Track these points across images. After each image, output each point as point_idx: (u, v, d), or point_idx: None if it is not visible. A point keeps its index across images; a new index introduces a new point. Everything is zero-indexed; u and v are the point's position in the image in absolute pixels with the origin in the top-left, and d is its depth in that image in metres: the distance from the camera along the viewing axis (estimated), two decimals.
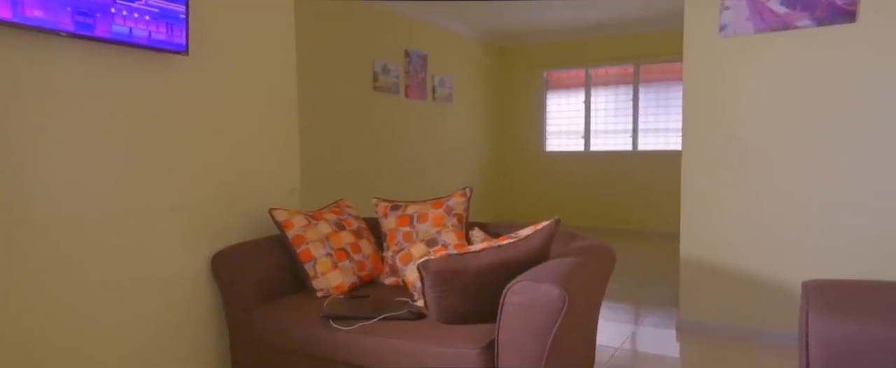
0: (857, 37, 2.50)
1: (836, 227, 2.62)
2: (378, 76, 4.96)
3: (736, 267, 2.85)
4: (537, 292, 1.53)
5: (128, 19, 1.73)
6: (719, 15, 2.79)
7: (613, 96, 6.46)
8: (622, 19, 5.76)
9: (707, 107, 2.88)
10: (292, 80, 2.54)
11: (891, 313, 1.33)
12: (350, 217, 2.36)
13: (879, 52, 2.47)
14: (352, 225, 2.31)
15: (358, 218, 2.42)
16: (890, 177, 2.50)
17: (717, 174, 2.87)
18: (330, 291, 2.11)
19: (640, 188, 6.21)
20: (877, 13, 2.45)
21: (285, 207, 2.45)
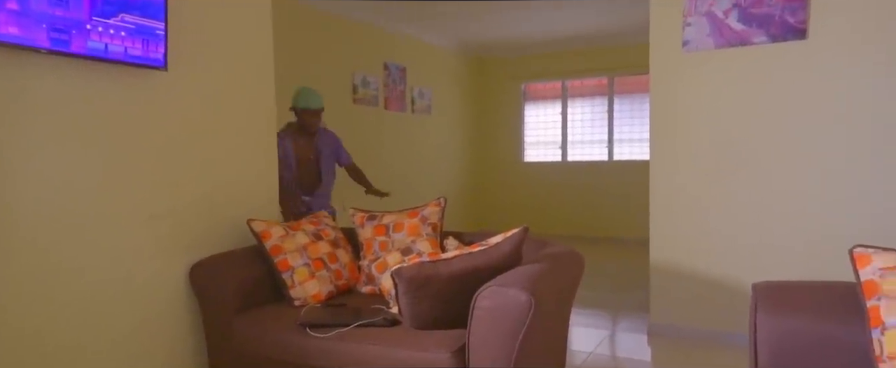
0: (808, 52, 2.64)
1: (793, 231, 2.74)
2: (357, 88, 5.03)
3: (703, 272, 2.96)
4: (505, 297, 1.60)
5: (104, 35, 1.77)
6: (682, 31, 2.92)
7: (589, 107, 6.62)
8: (597, 33, 5.92)
9: (672, 118, 3.00)
10: (270, 93, 2.60)
11: (832, 310, 1.43)
12: (327, 227, 2.41)
13: (828, 66, 2.62)
14: (329, 236, 2.36)
15: (335, 228, 2.47)
16: (839, 181, 2.64)
17: (683, 182, 2.99)
18: (307, 300, 2.15)
19: (616, 197, 6.34)
20: (825, 31, 2.60)
21: (263, 218, 2.49)
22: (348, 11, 4.90)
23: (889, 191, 2.55)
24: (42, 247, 1.73)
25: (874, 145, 2.57)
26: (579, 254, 2.13)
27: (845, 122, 2.62)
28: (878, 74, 2.54)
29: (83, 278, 1.84)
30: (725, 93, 2.86)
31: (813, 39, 2.63)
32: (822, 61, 2.63)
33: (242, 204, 2.41)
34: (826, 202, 2.67)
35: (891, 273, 1.22)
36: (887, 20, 2.50)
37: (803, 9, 2.63)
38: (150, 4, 1.89)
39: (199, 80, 2.23)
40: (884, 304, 1.19)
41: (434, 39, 6.11)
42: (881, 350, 1.16)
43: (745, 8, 2.76)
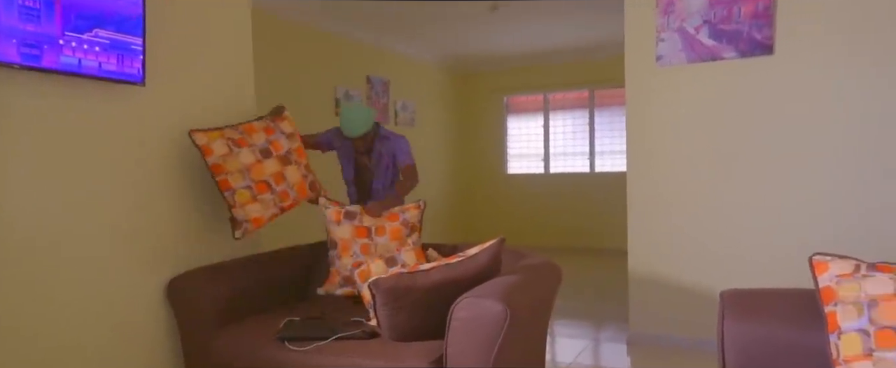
0: (775, 67, 2.74)
1: (764, 241, 2.81)
2: (340, 102, 5.06)
3: (679, 281, 3.02)
4: (481, 308, 1.63)
5: (77, 50, 1.77)
6: (656, 46, 3.00)
7: (571, 120, 6.71)
8: (577, 47, 6.03)
9: (648, 131, 3.07)
10: (251, 107, 2.61)
11: (795, 316, 1.48)
12: (282, 137, 2.29)
13: (794, 79, 2.71)
14: (281, 149, 2.25)
15: (293, 135, 2.36)
16: (805, 191, 2.71)
17: (658, 193, 3.05)
18: (249, 224, 2.16)
19: (599, 208, 6.42)
20: (791, 47, 2.70)
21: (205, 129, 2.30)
22: (331, 25, 4.94)
23: (853, 201, 2.63)
24: (15, 264, 1.72)
25: (837, 157, 2.66)
26: (556, 265, 2.16)
27: (810, 134, 2.70)
28: (840, 88, 2.63)
29: (57, 294, 1.83)
30: (697, 106, 2.94)
31: (779, 55, 2.72)
32: (788, 75, 2.72)
33: (222, 219, 2.42)
34: (794, 211, 2.75)
35: (846, 279, 1.27)
36: (847, 38, 2.60)
37: (769, 26, 2.72)
38: (125, 20, 1.90)
39: (179, 95, 2.24)
40: (840, 310, 1.24)
41: (417, 53, 6.18)
42: (838, 354, 1.21)
43: (714, 24, 2.85)
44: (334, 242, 2.35)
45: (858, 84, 2.60)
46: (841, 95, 2.64)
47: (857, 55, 2.59)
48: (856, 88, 2.61)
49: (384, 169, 3.02)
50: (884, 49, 2.54)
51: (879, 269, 1.24)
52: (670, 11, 2.94)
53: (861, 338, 1.16)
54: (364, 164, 3.05)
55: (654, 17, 2.99)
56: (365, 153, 3.01)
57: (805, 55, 2.68)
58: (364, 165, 3.06)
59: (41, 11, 1.67)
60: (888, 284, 1.18)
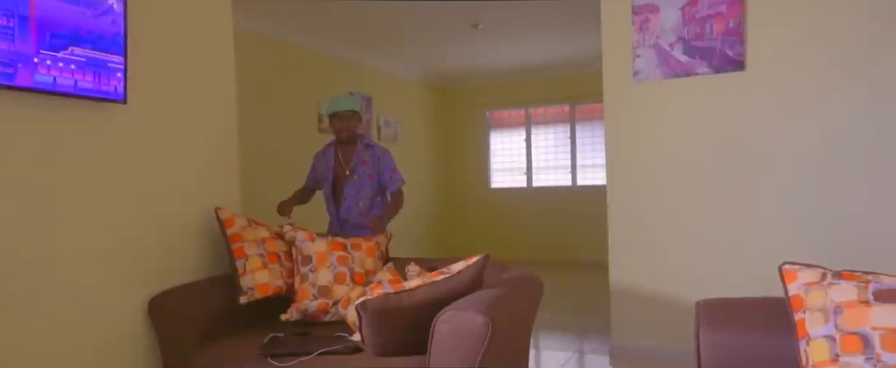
0: (746, 82, 2.83)
1: (740, 251, 2.87)
2: (323, 118, 5.07)
3: (659, 292, 3.06)
4: (463, 320, 1.64)
5: (52, 69, 1.77)
6: (633, 62, 3.08)
7: (553, 134, 6.80)
8: (557, 62, 6.14)
9: (625, 145, 3.14)
10: (233, 124, 2.62)
11: (768, 324, 1.52)
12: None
13: (764, 94, 2.80)
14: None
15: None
16: (780, 201, 2.79)
17: (638, 206, 3.11)
18: (255, 290, 2.19)
19: (581, 221, 6.48)
20: (761, 63, 2.80)
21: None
22: (313, 43, 4.97)
23: (822, 211, 2.71)
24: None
25: (806, 169, 2.74)
26: (538, 278, 2.19)
27: (780, 147, 2.79)
28: (808, 103, 2.73)
29: (36, 315, 1.80)
30: (673, 120, 3.02)
31: (750, 70, 2.81)
32: (759, 90, 2.81)
33: (205, 236, 2.41)
34: (767, 222, 2.82)
35: (814, 287, 1.32)
36: (815, 54, 2.70)
37: (741, 43, 2.82)
38: (101, 38, 1.90)
39: (161, 113, 2.24)
40: (808, 317, 1.28)
41: (399, 69, 6.23)
42: (807, 360, 1.25)
43: (688, 41, 2.94)
44: (308, 258, 2.32)
45: (826, 98, 2.70)
46: (809, 109, 2.73)
47: (824, 70, 2.69)
48: (823, 103, 2.70)
49: (362, 176, 3.03)
50: (850, 64, 2.64)
51: (844, 277, 1.29)
52: (646, 28, 3.03)
53: (828, 344, 1.20)
54: (341, 172, 3.09)
55: (630, 34, 3.07)
56: (345, 160, 3.07)
57: (775, 71, 2.78)
58: (341, 173, 3.09)
59: (15, 30, 1.67)
60: (852, 291, 1.23)
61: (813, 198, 2.73)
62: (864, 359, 1.12)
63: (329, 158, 3.10)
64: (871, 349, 1.12)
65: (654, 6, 3.00)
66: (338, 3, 4.04)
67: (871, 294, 1.19)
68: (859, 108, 2.63)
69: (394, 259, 2.53)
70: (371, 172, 3.05)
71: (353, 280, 2.31)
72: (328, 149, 3.14)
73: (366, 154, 3.06)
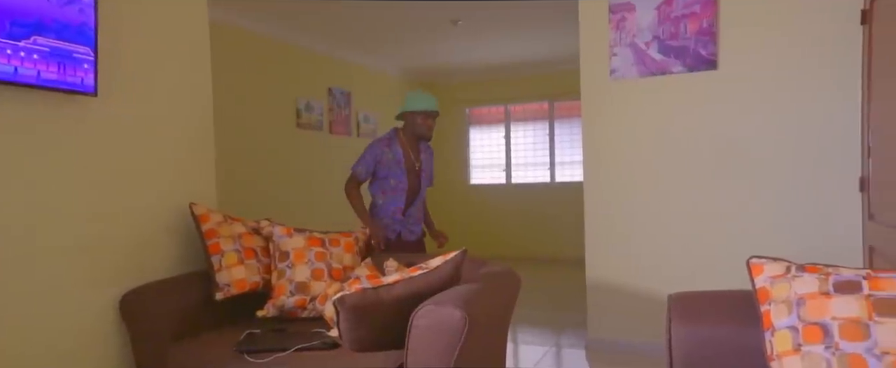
0: (719, 81, 2.89)
1: (712, 246, 2.94)
2: (301, 113, 5.03)
3: (634, 287, 3.12)
4: (440, 315, 1.66)
5: (13, 58, 1.71)
6: (609, 60, 3.12)
7: (532, 131, 6.85)
8: (537, 59, 6.18)
9: (602, 142, 3.18)
10: (209, 119, 2.59)
11: (736, 316, 1.56)
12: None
13: (736, 93, 2.87)
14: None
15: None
16: (750, 196, 2.86)
17: (613, 202, 3.16)
18: (232, 287, 2.16)
19: (559, 217, 6.55)
20: (733, 62, 2.86)
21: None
22: (291, 37, 4.93)
23: (790, 206, 2.79)
24: None
25: (776, 165, 2.82)
26: (515, 273, 2.21)
27: (751, 145, 2.86)
28: (777, 101, 2.80)
29: (2, 314, 1.76)
30: (649, 117, 3.07)
31: (722, 69, 2.88)
32: (731, 89, 2.88)
33: (179, 233, 2.38)
34: (737, 216, 2.89)
35: (779, 280, 1.36)
36: (784, 53, 2.77)
37: (713, 43, 2.88)
38: (66, 28, 1.85)
39: (134, 107, 2.20)
40: (773, 308, 1.32)
41: (379, 65, 6.21)
42: (772, 350, 1.29)
43: (663, 40, 2.99)
44: (286, 254, 2.31)
45: (794, 97, 2.77)
46: (778, 108, 2.80)
47: (793, 70, 2.77)
48: (792, 101, 2.78)
49: (426, 173, 3.16)
50: (818, 63, 2.72)
51: (807, 270, 1.33)
52: (622, 27, 3.07)
53: (791, 334, 1.24)
54: (411, 168, 3.08)
55: (607, 33, 3.11)
56: (415, 157, 3.08)
57: (746, 70, 2.84)
58: (411, 168, 3.08)
59: None
60: (814, 283, 1.27)
61: (781, 194, 2.81)
62: (823, 348, 1.17)
63: (398, 154, 3.01)
64: (831, 338, 1.17)
65: (631, 5, 3.04)
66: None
67: (831, 285, 1.24)
68: (826, 107, 2.71)
69: (372, 254, 2.54)
70: (429, 170, 3.19)
71: (331, 276, 2.30)
72: (392, 143, 3.03)
73: (426, 152, 3.18)
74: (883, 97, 2.19)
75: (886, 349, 1.10)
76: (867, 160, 2.47)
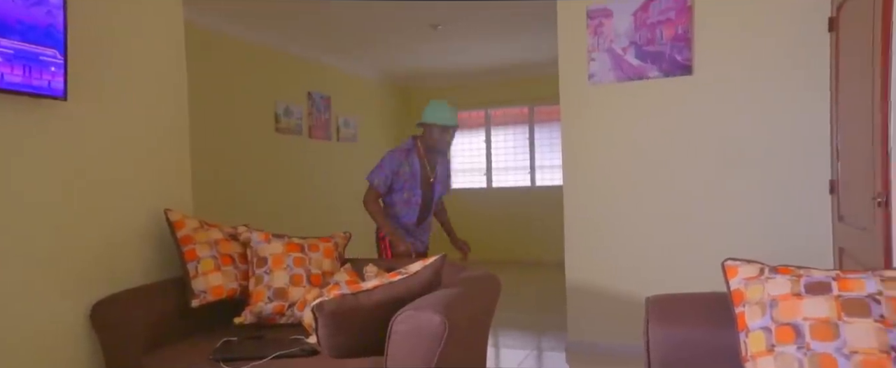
0: (694, 86, 2.94)
1: (690, 248, 2.99)
2: (280, 117, 4.98)
3: (615, 290, 3.15)
4: (420, 320, 1.65)
5: None
6: (588, 65, 3.16)
7: (512, 135, 6.89)
8: (516, 64, 6.22)
9: (581, 146, 3.21)
10: (184, 124, 2.55)
11: (712, 318, 1.58)
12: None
13: (710, 98, 2.93)
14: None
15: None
16: (725, 199, 2.92)
17: (593, 206, 3.19)
18: (208, 294, 2.12)
19: (540, 221, 6.59)
20: (707, 68, 2.92)
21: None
22: (270, 41, 4.88)
23: (766, 209, 2.85)
24: None
25: (750, 168, 2.87)
26: (495, 277, 2.22)
27: (726, 149, 2.91)
28: (750, 106, 2.86)
29: None
30: (626, 122, 3.11)
31: (697, 74, 2.93)
32: (706, 94, 2.93)
33: (153, 240, 2.33)
34: (714, 219, 2.94)
35: (753, 282, 1.39)
36: (757, 59, 2.84)
37: (688, 48, 2.93)
38: (33, 29, 1.80)
39: (106, 111, 2.16)
40: (747, 310, 1.35)
41: (359, 70, 6.18)
42: (746, 351, 1.31)
43: (640, 46, 3.03)
44: (264, 259, 2.27)
45: (766, 103, 2.84)
46: (752, 112, 2.86)
47: (765, 76, 2.83)
48: (764, 106, 2.84)
49: (441, 184, 3.12)
50: (788, 70, 2.79)
51: (780, 272, 1.36)
52: (600, 33, 3.11)
53: (765, 335, 1.26)
54: (426, 179, 3.04)
55: (585, 38, 3.15)
56: (430, 168, 3.05)
57: (720, 75, 2.90)
58: (426, 180, 3.04)
59: None
60: (786, 285, 1.30)
61: (755, 196, 2.87)
62: (795, 348, 1.19)
63: (415, 166, 2.96)
64: (802, 338, 1.19)
65: (608, 11, 3.08)
66: (296, 1, 3.98)
67: (802, 287, 1.27)
68: (797, 111, 2.78)
69: (352, 260, 2.52)
70: (444, 178, 3.16)
71: (310, 281, 2.28)
72: (410, 154, 2.97)
73: (442, 164, 3.13)
74: (849, 102, 2.25)
75: (855, 348, 1.13)
76: (836, 163, 2.53)
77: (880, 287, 1.19)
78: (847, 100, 2.30)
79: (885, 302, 1.16)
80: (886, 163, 1.75)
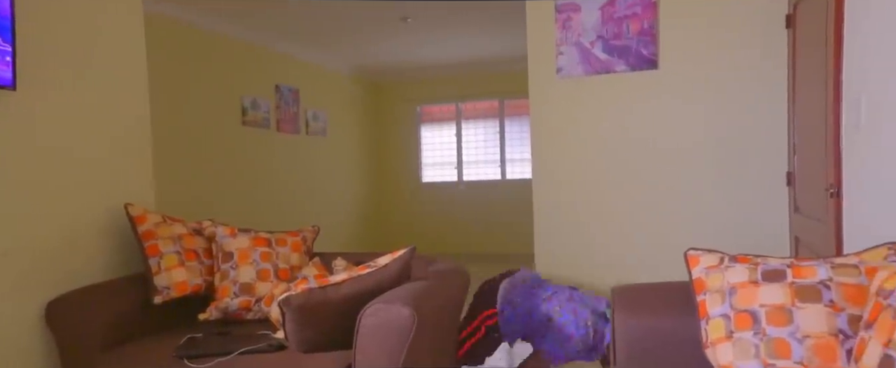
0: (659, 80, 3.00)
1: (654, 239, 3.06)
2: (247, 110, 4.88)
3: (582, 281, 3.20)
4: (389, 313, 1.64)
5: None
6: (556, 59, 3.19)
7: (483, 129, 6.91)
8: (487, 58, 6.23)
9: (549, 139, 3.24)
10: (145, 115, 2.47)
11: (675, 306, 1.63)
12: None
13: (675, 92, 2.99)
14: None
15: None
16: (689, 191, 2.99)
17: (561, 199, 3.23)
18: (171, 290, 2.08)
19: (510, 214, 6.64)
20: (672, 62, 2.98)
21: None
22: (236, 32, 4.77)
23: (726, 200, 2.93)
24: None
25: (714, 161, 2.95)
26: (464, 270, 2.22)
27: (691, 141, 2.99)
28: (714, 99, 2.94)
29: None
30: (593, 115, 3.15)
31: (663, 69, 2.99)
32: (670, 87, 3.00)
33: (113, 235, 2.26)
34: (678, 210, 3.02)
35: (714, 270, 1.43)
36: (721, 53, 2.91)
37: (654, 43, 2.98)
38: None
39: (60, 101, 2.07)
40: (708, 298, 1.39)
41: (328, 62, 6.10)
42: (707, 338, 1.35)
43: (607, 40, 3.07)
44: (230, 254, 2.23)
45: (728, 96, 2.91)
46: (714, 106, 2.94)
47: (726, 70, 2.91)
48: (726, 100, 2.92)
49: None
50: (748, 65, 2.87)
51: (739, 261, 1.40)
52: (568, 27, 3.14)
53: (724, 322, 1.30)
54: None
55: (553, 32, 3.17)
56: None
57: (684, 69, 2.97)
58: None
59: None
60: (744, 273, 1.34)
61: (717, 188, 2.95)
62: (752, 334, 1.23)
63: None
64: (759, 324, 1.23)
65: (576, 5, 3.11)
66: None
67: (760, 274, 1.31)
68: (757, 105, 2.86)
69: (320, 254, 2.49)
70: None
71: (278, 276, 2.25)
72: None
73: None
74: (805, 97, 2.33)
75: (807, 332, 1.18)
76: (793, 156, 2.62)
77: (831, 273, 1.24)
78: (803, 95, 2.38)
79: (835, 287, 1.21)
80: (838, 157, 1.83)
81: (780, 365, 1.18)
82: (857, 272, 1.22)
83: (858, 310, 1.15)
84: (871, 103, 1.61)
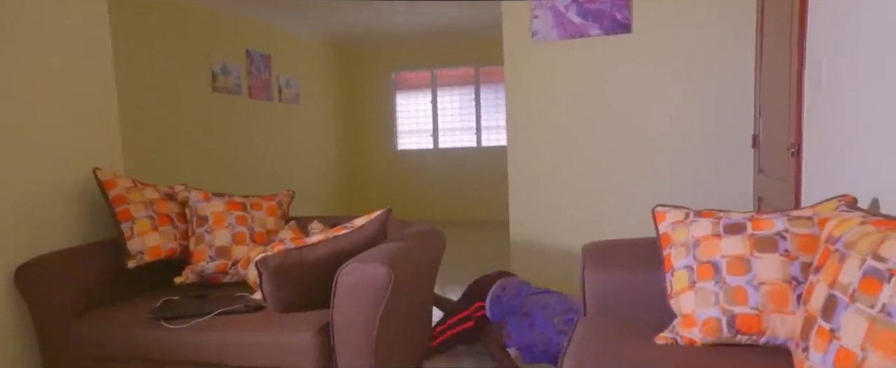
0: (632, 43, 3.03)
1: (625, 200, 3.14)
2: (217, 76, 4.76)
3: (556, 243, 3.28)
4: (365, 272, 1.67)
5: None
6: (531, 23, 3.18)
7: (458, 96, 6.89)
8: (462, 24, 6.16)
9: (524, 103, 3.26)
10: (110, 80, 2.40)
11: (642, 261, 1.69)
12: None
13: (647, 56, 3.03)
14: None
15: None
16: (660, 151, 3.07)
17: (535, 163, 3.27)
18: (145, 255, 2.08)
19: (486, 181, 6.70)
20: (644, 26, 3.01)
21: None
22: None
23: (694, 161, 3.02)
24: None
25: (684, 122, 3.02)
26: (440, 231, 2.26)
27: (661, 104, 3.04)
28: (684, 63, 2.99)
29: None
30: (568, 79, 3.18)
31: (636, 33, 3.02)
32: (643, 51, 3.03)
33: (78, 201, 2.22)
34: (648, 170, 3.10)
35: (679, 225, 1.48)
36: (693, 19, 2.94)
37: (628, 7, 3.00)
38: None
39: (15, 64, 2.00)
40: (673, 251, 1.45)
41: (300, 28, 5.95)
42: (671, 289, 1.41)
43: (581, 4, 3.07)
44: (204, 218, 2.22)
45: (697, 60, 2.96)
46: (683, 70, 2.99)
47: (696, 35, 2.95)
48: (695, 64, 2.97)
49: None
50: (717, 30, 2.91)
51: (703, 215, 1.46)
52: None
53: (687, 274, 1.37)
54: None
55: None
56: None
57: (656, 34, 3.00)
58: None
59: None
60: (708, 227, 1.40)
61: (687, 149, 3.03)
62: (713, 283, 1.30)
63: None
64: (719, 274, 1.30)
65: None
66: None
67: (722, 227, 1.37)
68: (725, 69, 2.92)
69: (297, 218, 2.49)
70: None
71: (254, 240, 2.25)
72: None
73: None
74: (772, 59, 2.39)
75: (763, 279, 1.24)
76: (758, 119, 2.70)
77: (787, 225, 1.30)
78: (769, 60, 2.43)
79: (790, 238, 1.27)
80: (800, 116, 1.89)
81: (737, 311, 1.24)
82: (810, 223, 1.28)
83: (810, 258, 1.22)
84: (831, 67, 1.66)
